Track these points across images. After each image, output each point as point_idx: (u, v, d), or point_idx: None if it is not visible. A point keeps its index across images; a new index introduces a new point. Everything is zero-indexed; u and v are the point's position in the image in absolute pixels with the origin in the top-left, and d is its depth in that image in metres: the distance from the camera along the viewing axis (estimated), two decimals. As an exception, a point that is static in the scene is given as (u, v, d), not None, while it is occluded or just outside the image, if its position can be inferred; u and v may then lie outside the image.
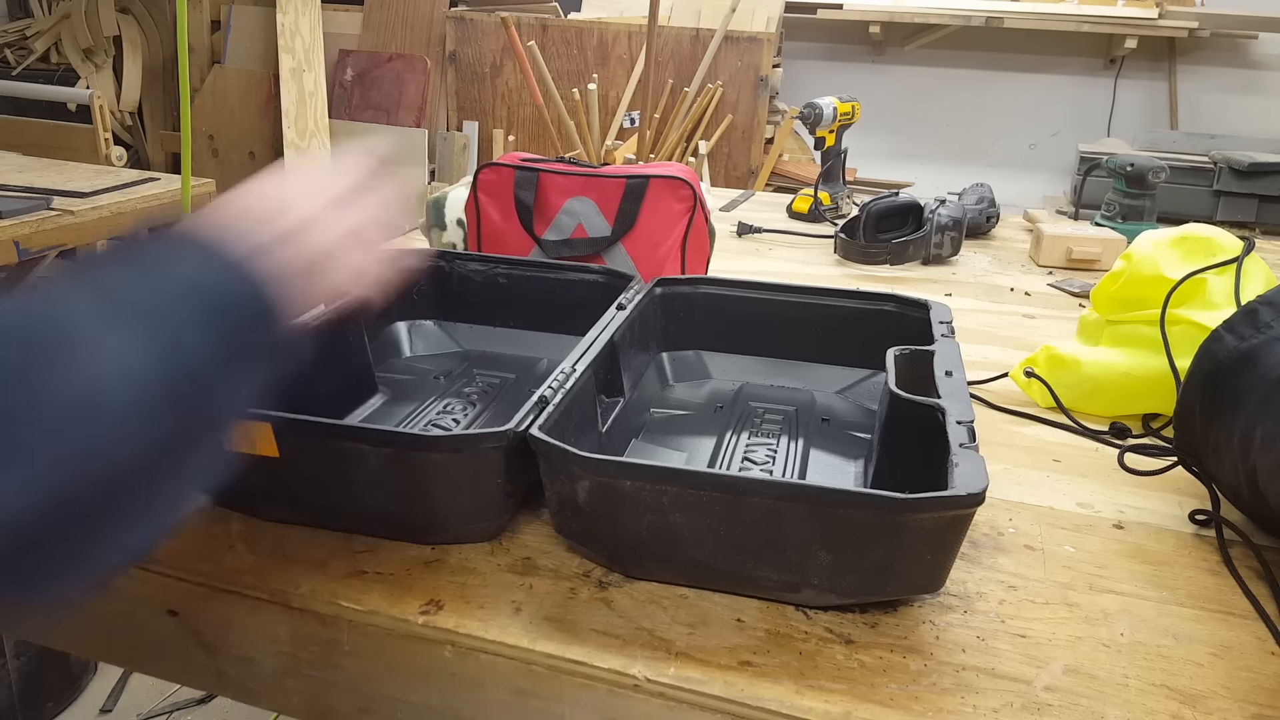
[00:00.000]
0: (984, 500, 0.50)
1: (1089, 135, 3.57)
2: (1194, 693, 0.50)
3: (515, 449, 0.58)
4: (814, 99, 1.58)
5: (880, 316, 0.84)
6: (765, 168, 3.25)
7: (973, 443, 0.56)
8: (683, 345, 0.89)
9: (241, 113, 3.64)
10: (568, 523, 0.59)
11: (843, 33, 3.70)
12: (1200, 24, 3.20)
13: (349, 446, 0.58)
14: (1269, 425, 0.58)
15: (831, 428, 0.80)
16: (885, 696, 0.49)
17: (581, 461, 0.54)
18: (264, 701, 0.59)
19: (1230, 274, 0.81)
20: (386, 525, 0.62)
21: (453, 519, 0.60)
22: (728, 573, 0.56)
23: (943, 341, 0.74)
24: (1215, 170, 2.98)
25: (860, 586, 0.54)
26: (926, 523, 0.51)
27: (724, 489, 0.53)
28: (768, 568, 0.54)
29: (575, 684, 0.51)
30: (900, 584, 0.54)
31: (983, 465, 0.53)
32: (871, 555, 0.52)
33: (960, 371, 0.68)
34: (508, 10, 3.41)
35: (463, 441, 0.58)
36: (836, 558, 0.52)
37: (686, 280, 0.88)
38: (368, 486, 0.59)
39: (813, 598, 0.55)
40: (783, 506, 0.52)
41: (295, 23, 3.46)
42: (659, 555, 0.56)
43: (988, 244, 1.52)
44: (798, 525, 0.52)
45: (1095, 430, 0.82)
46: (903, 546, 0.52)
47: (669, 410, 0.82)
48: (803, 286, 0.87)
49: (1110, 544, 0.65)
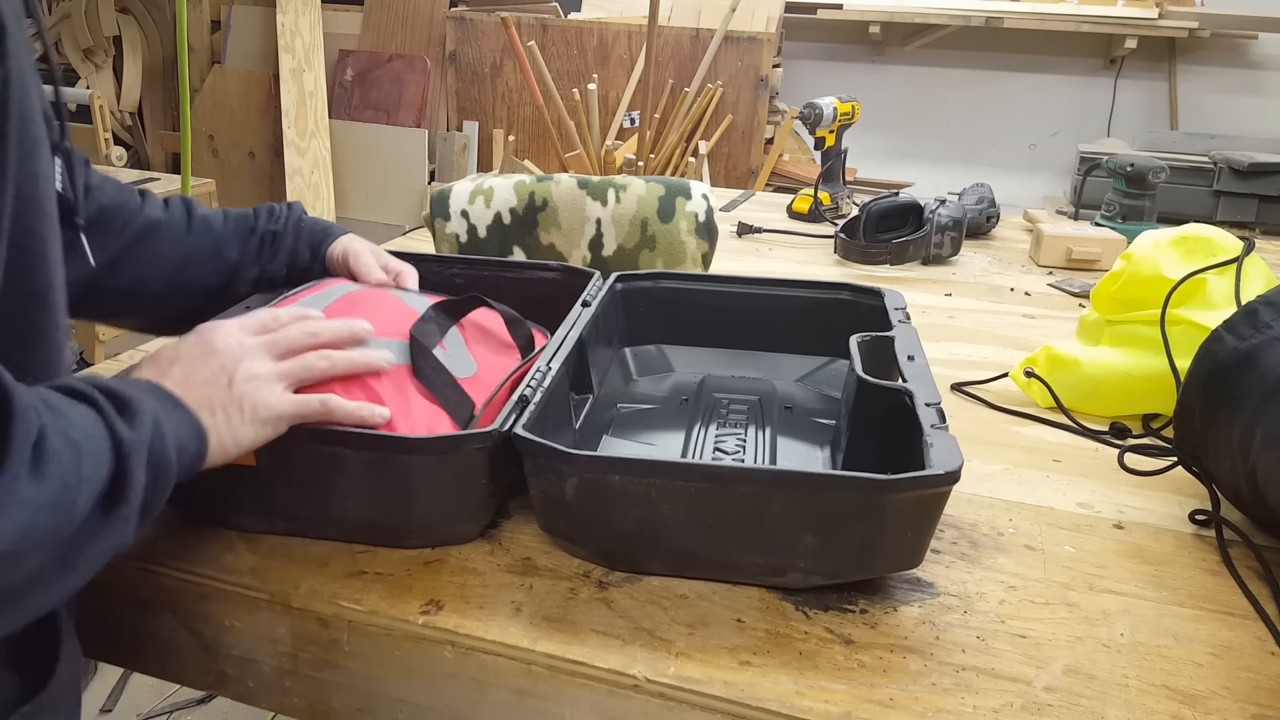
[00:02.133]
0: (959, 478, 0.52)
1: (1089, 135, 3.57)
2: (1194, 693, 0.50)
3: (498, 449, 0.58)
4: (814, 99, 1.58)
5: (835, 305, 0.86)
6: (765, 168, 3.25)
7: (943, 423, 0.58)
8: (644, 340, 0.90)
9: (241, 113, 3.64)
10: (554, 520, 0.59)
11: (843, 33, 3.70)
12: (1200, 24, 3.20)
13: (329, 451, 0.57)
14: (1269, 425, 0.58)
15: (795, 415, 0.81)
16: (885, 696, 0.49)
17: (569, 459, 0.55)
18: (264, 701, 0.59)
19: (1230, 274, 0.81)
20: (367, 531, 0.61)
21: (437, 521, 0.60)
22: (715, 561, 0.57)
23: (901, 327, 0.75)
24: (1215, 170, 2.98)
25: (845, 566, 0.56)
26: (907, 502, 0.53)
27: (712, 479, 0.54)
28: (754, 553, 0.55)
29: (575, 684, 0.51)
30: (883, 562, 0.56)
31: (955, 444, 0.55)
32: (855, 535, 0.54)
33: (921, 355, 0.69)
34: (508, 10, 3.41)
35: (448, 443, 0.58)
36: (822, 540, 0.54)
37: (646, 275, 0.89)
38: (349, 491, 0.58)
39: (799, 580, 0.56)
40: (769, 493, 0.53)
41: (295, 23, 3.46)
42: (647, 548, 0.57)
43: (988, 244, 1.52)
44: (784, 510, 0.53)
45: (1095, 430, 0.82)
46: (885, 526, 0.54)
47: (635, 405, 0.83)
48: (759, 278, 0.89)
49: (1110, 544, 0.65)
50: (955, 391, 0.90)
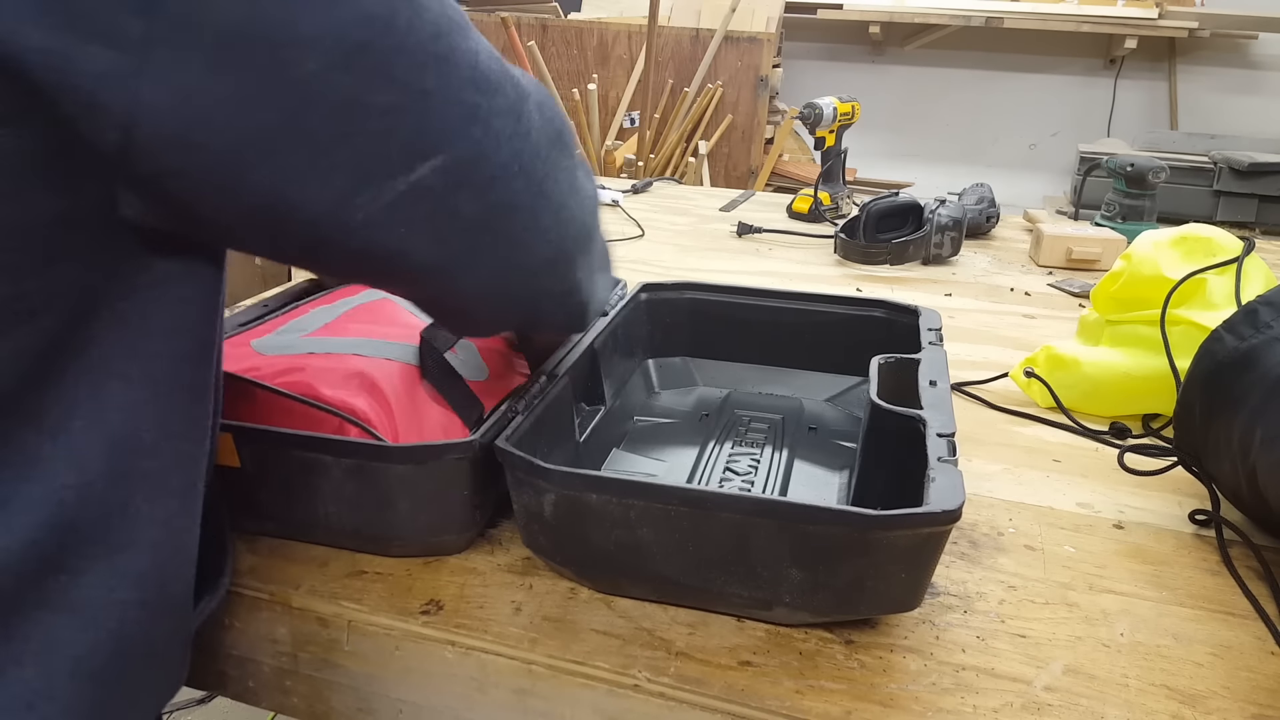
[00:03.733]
0: (959, 517, 0.49)
1: (1089, 135, 3.58)
2: (1194, 693, 0.50)
3: (483, 459, 0.57)
4: (814, 99, 1.58)
5: (869, 323, 0.82)
6: (765, 168, 3.25)
7: (952, 456, 0.54)
8: (670, 352, 0.88)
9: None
10: (534, 536, 0.57)
11: (843, 33, 3.70)
12: (1200, 24, 3.20)
13: (310, 457, 0.57)
14: (1269, 425, 0.58)
15: (819, 436, 0.79)
16: (885, 696, 0.49)
17: (546, 474, 0.53)
18: (264, 701, 0.59)
19: (1230, 274, 0.81)
20: (351, 538, 0.60)
21: (419, 531, 0.59)
22: (698, 589, 0.54)
23: (930, 350, 0.72)
24: (1215, 170, 2.99)
25: (833, 605, 0.52)
26: (899, 540, 0.49)
27: (691, 504, 0.51)
28: (738, 584, 0.52)
29: (575, 684, 0.51)
30: (874, 602, 0.52)
31: (960, 480, 0.51)
32: (843, 573, 0.50)
33: (945, 380, 0.66)
34: (508, 10, 3.41)
35: (427, 452, 0.56)
36: (808, 575, 0.51)
37: (673, 286, 0.88)
38: (330, 497, 0.58)
39: (786, 615, 0.53)
40: (752, 522, 0.50)
41: (295, 23, 3.45)
42: (628, 571, 0.55)
43: (988, 244, 1.52)
44: (767, 542, 0.50)
45: (1095, 430, 0.82)
46: (875, 564, 0.50)
47: (653, 418, 0.81)
48: (791, 292, 0.86)
49: (1110, 544, 0.65)
50: (955, 391, 0.90)
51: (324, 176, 0.39)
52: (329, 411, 0.59)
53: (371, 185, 0.40)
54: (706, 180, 3.01)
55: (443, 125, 0.41)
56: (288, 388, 0.60)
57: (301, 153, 0.38)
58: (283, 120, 0.37)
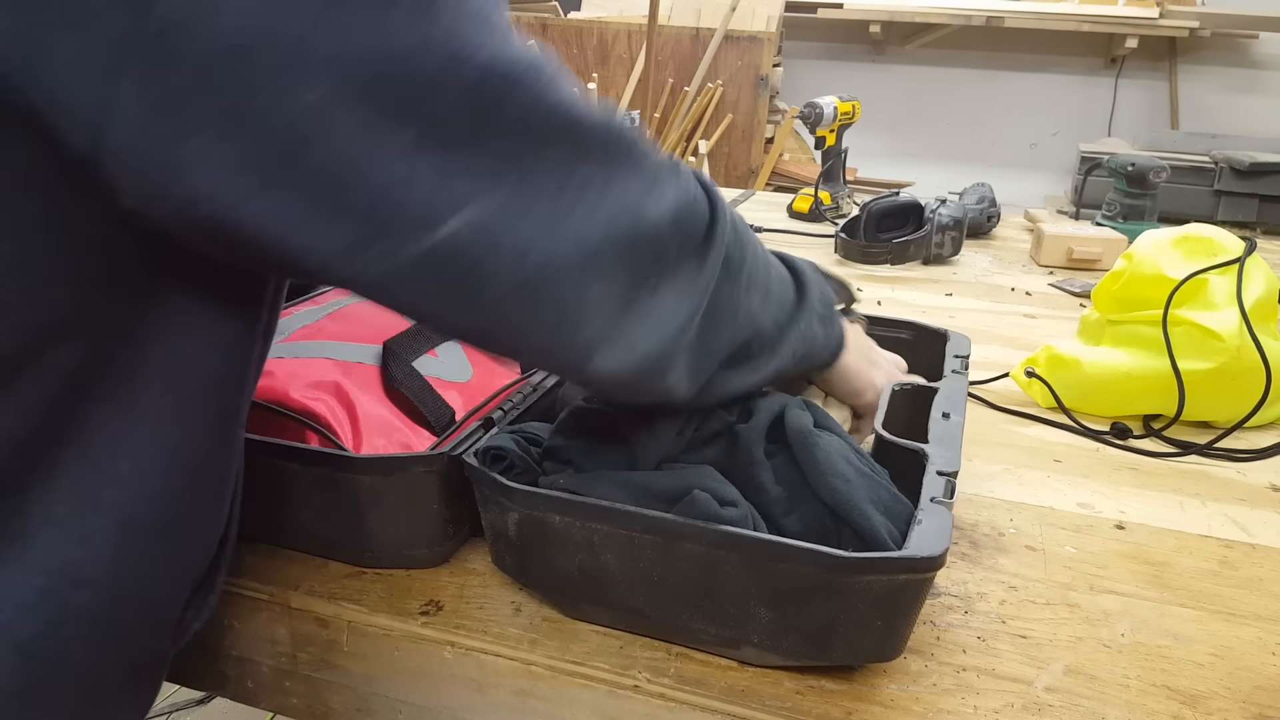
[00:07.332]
0: (941, 565, 0.45)
1: (1090, 135, 3.57)
2: (1195, 693, 0.50)
3: (455, 472, 0.55)
4: (814, 98, 1.58)
5: (894, 345, 0.77)
6: (765, 167, 3.25)
7: (948, 498, 0.51)
8: None
9: (242, 112, 3.63)
10: (501, 556, 0.56)
11: (843, 32, 3.70)
12: (1201, 24, 3.20)
13: (277, 465, 0.56)
14: None
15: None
16: (885, 697, 0.49)
17: (508, 492, 0.51)
18: (264, 702, 0.59)
19: (1232, 274, 0.80)
20: (326, 547, 0.60)
21: (390, 544, 0.57)
22: (663, 622, 0.52)
23: (952, 378, 0.68)
24: (1216, 170, 2.98)
25: (803, 649, 0.49)
26: (874, 585, 0.46)
27: (655, 531, 0.48)
28: (704, 620, 0.50)
29: (575, 684, 0.51)
30: (847, 650, 0.48)
31: (948, 524, 0.48)
32: (813, 616, 0.47)
33: (960, 414, 0.62)
34: (507, 10, 3.41)
35: (392, 464, 0.55)
36: (776, 615, 0.48)
37: None
38: (300, 506, 0.57)
39: (754, 656, 0.51)
40: (717, 555, 0.47)
41: (295, 22, 3.45)
42: (592, 597, 0.53)
43: (988, 244, 1.52)
44: (733, 577, 0.48)
45: (1096, 430, 0.82)
46: (848, 609, 0.46)
47: None
48: None
49: (1111, 544, 0.65)
50: (956, 391, 0.90)
51: (326, 225, 0.34)
52: (289, 416, 0.58)
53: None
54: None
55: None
56: (257, 393, 0.59)
57: (295, 192, 0.33)
58: (275, 151, 0.32)
